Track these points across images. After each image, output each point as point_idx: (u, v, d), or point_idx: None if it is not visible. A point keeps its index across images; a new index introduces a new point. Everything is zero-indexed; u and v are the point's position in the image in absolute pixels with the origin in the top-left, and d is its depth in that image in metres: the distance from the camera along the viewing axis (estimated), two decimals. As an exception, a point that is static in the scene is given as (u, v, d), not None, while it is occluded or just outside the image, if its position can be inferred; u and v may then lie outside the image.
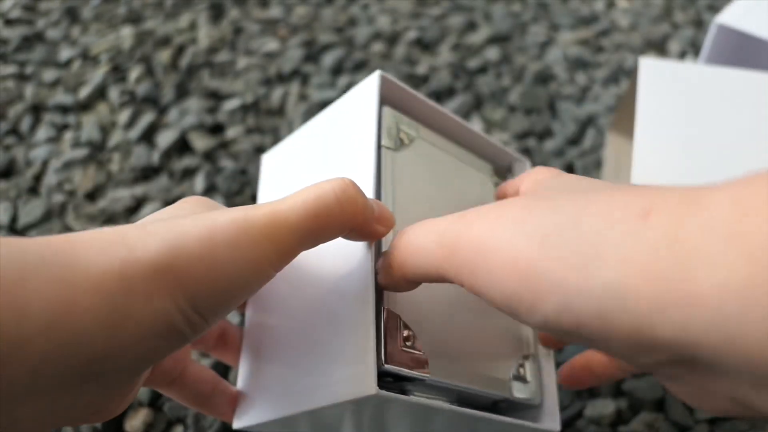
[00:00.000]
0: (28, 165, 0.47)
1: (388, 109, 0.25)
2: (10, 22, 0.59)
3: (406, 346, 0.21)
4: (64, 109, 0.51)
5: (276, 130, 0.49)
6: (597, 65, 0.55)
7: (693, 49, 0.56)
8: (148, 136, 0.48)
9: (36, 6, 0.62)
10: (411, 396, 0.21)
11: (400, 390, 0.21)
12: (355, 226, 0.20)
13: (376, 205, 0.21)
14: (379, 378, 0.20)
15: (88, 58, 0.56)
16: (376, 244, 0.22)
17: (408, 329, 0.22)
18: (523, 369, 0.26)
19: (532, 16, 0.61)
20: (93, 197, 0.44)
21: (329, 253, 0.23)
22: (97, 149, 0.48)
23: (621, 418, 0.33)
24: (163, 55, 0.56)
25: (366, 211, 0.20)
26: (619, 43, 0.57)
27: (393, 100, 0.27)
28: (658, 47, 0.57)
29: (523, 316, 0.17)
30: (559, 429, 0.25)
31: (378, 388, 0.19)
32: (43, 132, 0.49)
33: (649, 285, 0.14)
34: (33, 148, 0.48)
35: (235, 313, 0.37)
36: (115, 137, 0.48)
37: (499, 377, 0.25)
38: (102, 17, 0.61)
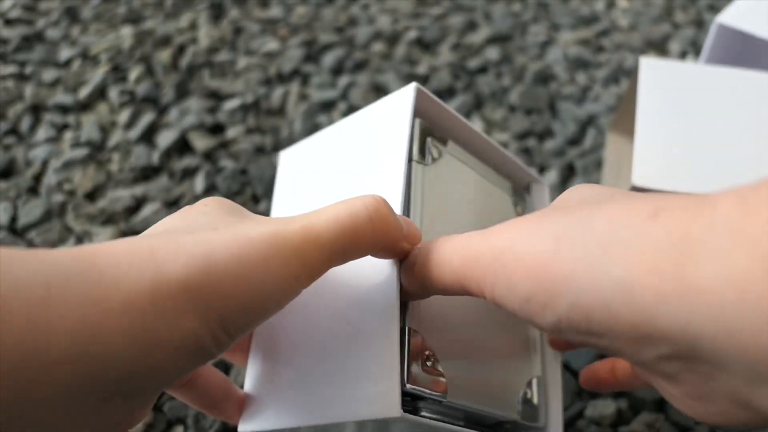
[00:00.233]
0: (27, 165, 0.47)
1: (420, 122, 0.25)
2: (9, 22, 0.59)
3: (427, 367, 0.21)
4: (63, 109, 0.51)
5: (276, 130, 0.49)
6: (597, 65, 0.55)
7: (693, 49, 0.56)
8: (148, 136, 0.48)
9: (36, 6, 0.62)
10: (425, 416, 0.21)
11: (412, 407, 0.21)
12: (386, 246, 0.20)
13: (404, 222, 0.21)
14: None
15: (88, 57, 0.56)
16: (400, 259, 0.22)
17: (429, 349, 0.22)
18: (530, 391, 0.26)
19: (533, 16, 0.61)
20: (93, 197, 0.44)
21: (354, 264, 0.22)
22: (96, 149, 0.48)
23: (622, 419, 0.33)
24: (163, 55, 0.56)
25: (396, 230, 0.20)
26: (619, 43, 0.57)
27: (424, 112, 0.26)
28: (659, 47, 0.57)
29: (538, 318, 0.17)
30: None
31: (402, 411, 0.19)
32: (42, 132, 0.49)
33: (654, 278, 0.14)
34: (33, 148, 0.48)
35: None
36: (115, 137, 0.48)
37: (507, 398, 0.25)
38: (102, 17, 0.61)
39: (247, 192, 0.44)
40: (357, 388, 0.21)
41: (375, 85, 0.53)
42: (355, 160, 0.26)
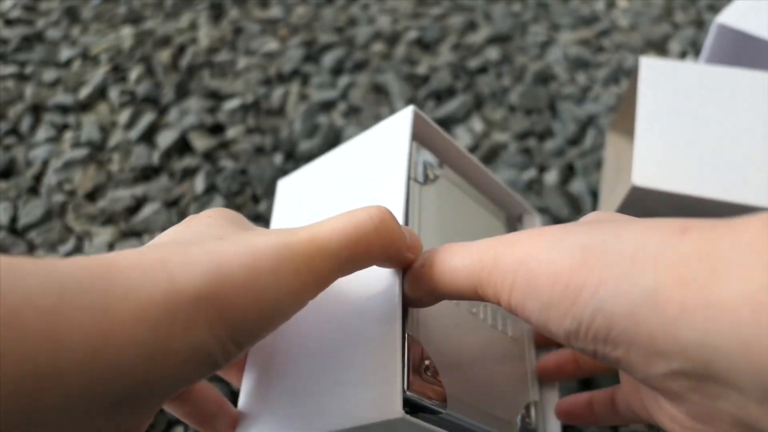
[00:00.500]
0: (28, 165, 0.47)
1: (417, 145, 0.26)
2: (10, 22, 0.59)
3: (427, 376, 0.21)
4: (64, 109, 0.51)
5: (276, 130, 0.49)
6: (597, 65, 0.55)
7: (693, 48, 0.56)
8: (148, 136, 0.48)
9: (36, 6, 0.62)
10: (429, 423, 0.21)
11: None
12: (391, 255, 0.20)
13: (407, 232, 0.21)
14: None
15: (88, 58, 0.56)
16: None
17: (429, 359, 0.22)
18: (528, 416, 0.26)
19: (533, 16, 0.61)
20: (93, 197, 0.44)
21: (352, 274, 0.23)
22: (97, 149, 0.48)
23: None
24: (163, 55, 0.56)
25: (401, 240, 0.20)
26: (619, 43, 0.57)
27: (421, 136, 0.27)
28: (659, 47, 0.57)
29: (554, 325, 0.17)
30: None
31: (404, 412, 0.19)
32: (43, 132, 0.49)
33: (679, 290, 0.15)
34: (33, 148, 0.48)
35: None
36: (115, 137, 0.48)
37: (505, 419, 0.25)
38: (102, 17, 0.61)
39: (247, 192, 0.44)
40: (357, 394, 0.21)
41: (375, 85, 0.53)
42: (355, 181, 0.26)
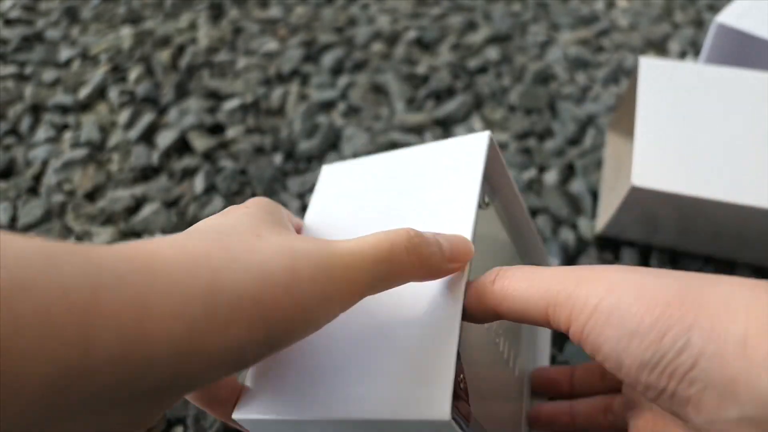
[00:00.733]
0: (27, 165, 0.47)
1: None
2: (9, 22, 0.59)
3: (461, 390, 0.21)
4: (63, 109, 0.51)
5: (276, 130, 0.49)
6: (597, 65, 0.55)
7: (693, 48, 0.56)
8: (148, 136, 0.48)
9: (35, 6, 0.62)
10: None
11: None
12: (427, 273, 0.20)
13: (446, 242, 0.21)
14: None
15: (87, 58, 0.56)
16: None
17: (464, 374, 0.22)
18: None
19: (532, 16, 0.61)
20: (92, 197, 0.44)
21: None
22: (96, 149, 0.48)
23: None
24: (163, 55, 0.56)
25: (435, 257, 0.20)
26: (619, 42, 0.57)
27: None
28: (658, 47, 0.57)
29: (631, 354, 0.18)
30: None
31: (451, 416, 0.18)
32: (42, 132, 0.49)
33: (765, 339, 0.16)
34: (32, 148, 0.48)
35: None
36: (115, 137, 0.48)
37: None
38: (101, 17, 0.61)
39: (247, 192, 0.44)
40: (402, 387, 0.20)
41: (374, 85, 0.53)
42: (416, 194, 0.26)
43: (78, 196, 0.44)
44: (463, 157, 0.26)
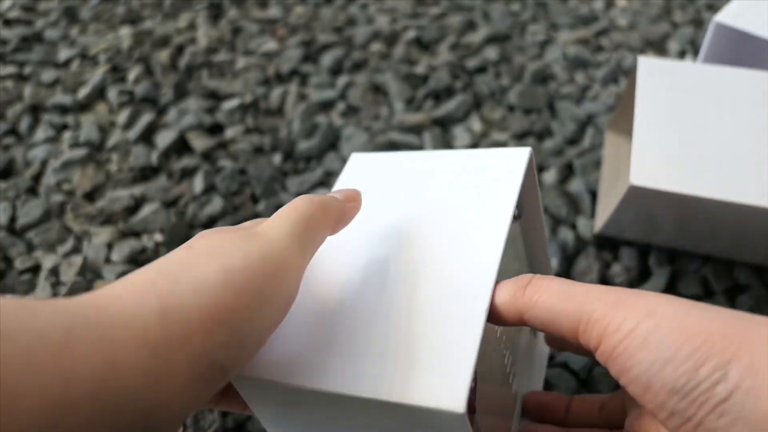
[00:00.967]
0: (26, 165, 0.47)
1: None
2: (8, 23, 0.59)
3: (471, 386, 0.21)
4: (62, 109, 0.51)
5: (275, 129, 0.49)
6: (596, 65, 0.55)
7: (692, 48, 0.56)
8: (147, 136, 0.48)
9: (35, 6, 0.62)
10: None
11: None
12: (332, 220, 0.22)
13: (338, 194, 0.24)
14: None
15: (86, 58, 0.56)
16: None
17: (476, 373, 0.21)
18: None
19: (531, 16, 0.61)
20: (92, 197, 0.44)
21: (452, 252, 0.23)
22: (95, 149, 0.48)
23: (620, 418, 0.33)
24: (162, 55, 0.56)
25: (332, 204, 0.22)
26: (618, 42, 0.57)
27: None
28: (657, 46, 0.57)
29: (663, 380, 0.18)
30: None
31: (466, 409, 0.18)
32: (41, 132, 0.49)
33: None
34: (32, 148, 0.48)
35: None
36: (114, 137, 0.48)
37: None
38: (101, 17, 0.61)
39: (246, 192, 0.44)
40: (416, 371, 0.19)
41: (373, 85, 0.53)
42: (447, 196, 0.26)
43: (77, 196, 0.44)
44: (501, 167, 0.26)
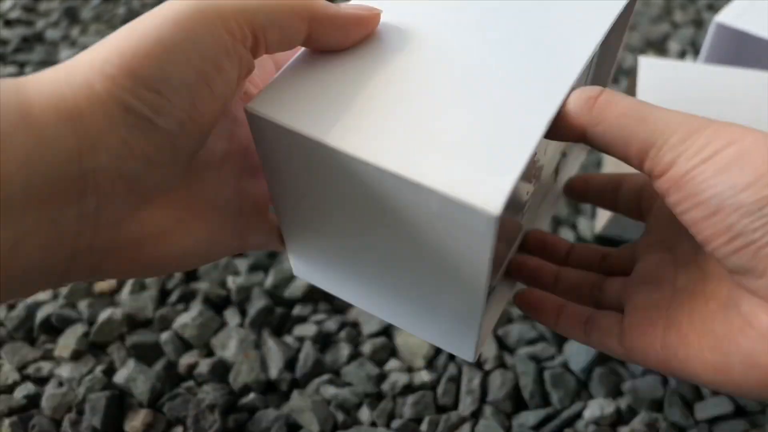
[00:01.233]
0: (27, 166, 0.47)
1: None
2: (9, 23, 0.60)
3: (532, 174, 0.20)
4: (63, 110, 0.51)
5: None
6: (597, 65, 0.55)
7: (692, 48, 0.56)
8: (148, 137, 0.48)
9: (35, 7, 0.62)
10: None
11: None
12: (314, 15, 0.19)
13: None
14: None
15: (87, 58, 0.56)
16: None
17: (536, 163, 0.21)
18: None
19: (532, 16, 0.61)
20: (92, 198, 0.44)
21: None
22: (96, 150, 0.48)
23: (621, 419, 0.33)
24: (163, 56, 0.56)
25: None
26: (618, 42, 0.57)
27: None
28: (658, 46, 0.57)
29: (740, 199, 0.17)
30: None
31: (502, 212, 0.16)
32: (42, 133, 0.49)
33: None
34: (32, 148, 0.48)
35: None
36: (115, 138, 0.48)
37: None
38: (101, 17, 0.61)
39: (247, 192, 0.44)
40: (459, 163, 0.17)
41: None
42: (528, 14, 0.22)
43: (78, 197, 0.44)
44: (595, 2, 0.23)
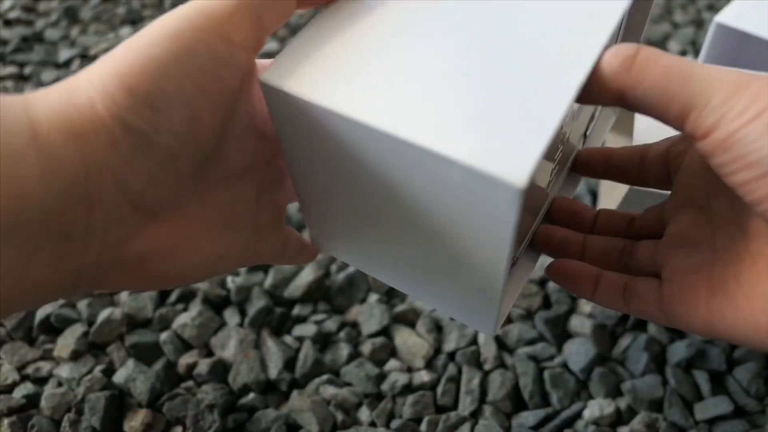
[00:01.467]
0: (27, 165, 0.47)
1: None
2: (9, 23, 0.60)
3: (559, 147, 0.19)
4: (63, 110, 0.51)
5: (275, 130, 0.49)
6: (597, 65, 0.55)
7: (693, 48, 0.56)
8: (148, 137, 0.48)
9: (35, 6, 0.62)
10: None
11: None
12: None
13: None
14: None
15: (87, 58, 0.56)
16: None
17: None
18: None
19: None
20: (92, 198, 0.44)
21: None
22: (96, 150, 0.48)
23: (620, 419, 0.33)
24: (163, 56, 0.56)
25: None
26: (618, 42, 0.57)
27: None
28: (658, 46, 0.57)
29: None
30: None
31: (527, 185, 0.15)
32: (42, 132, 0.49)
33: None
34: (32, 148, 0.48)
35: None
36: (115, 138, 0.48)
37: None
38: (101, 17, 0.61)
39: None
40: (483, 133, 0.16)
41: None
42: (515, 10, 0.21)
43: (77, 197, 0.44)
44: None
